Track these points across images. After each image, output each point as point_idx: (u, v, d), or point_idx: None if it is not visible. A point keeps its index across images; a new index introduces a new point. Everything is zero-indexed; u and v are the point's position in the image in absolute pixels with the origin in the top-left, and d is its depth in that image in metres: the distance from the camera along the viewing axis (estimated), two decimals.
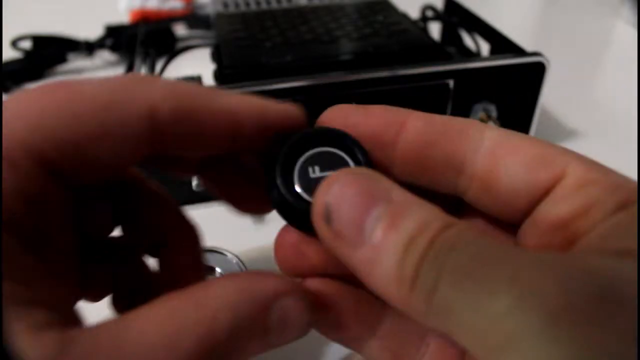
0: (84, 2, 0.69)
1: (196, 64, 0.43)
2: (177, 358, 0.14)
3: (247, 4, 0.48)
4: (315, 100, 0.32)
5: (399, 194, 0.15)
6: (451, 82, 0.34)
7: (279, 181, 0.17)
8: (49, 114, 0.15)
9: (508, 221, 0.18)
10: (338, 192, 0.15)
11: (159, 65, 0.43)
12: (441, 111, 0.35)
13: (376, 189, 0.15)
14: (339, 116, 0.18)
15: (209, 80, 0.38)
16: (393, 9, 0.44)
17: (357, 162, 0.18)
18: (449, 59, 0.35)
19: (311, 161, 0.18)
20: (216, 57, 0.37)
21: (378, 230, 0.14)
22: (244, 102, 0.18)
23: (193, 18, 0.58)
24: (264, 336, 0.16)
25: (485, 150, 0.17)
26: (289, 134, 0.18)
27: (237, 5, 0.47)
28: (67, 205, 0.17)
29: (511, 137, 0.17)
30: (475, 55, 0.43)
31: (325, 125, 0.19)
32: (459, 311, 0.13)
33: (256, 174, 0.21)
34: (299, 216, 0.17)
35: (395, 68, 0.33)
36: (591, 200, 0.15)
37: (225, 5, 0.47)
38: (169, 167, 0.20)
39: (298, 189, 0.17)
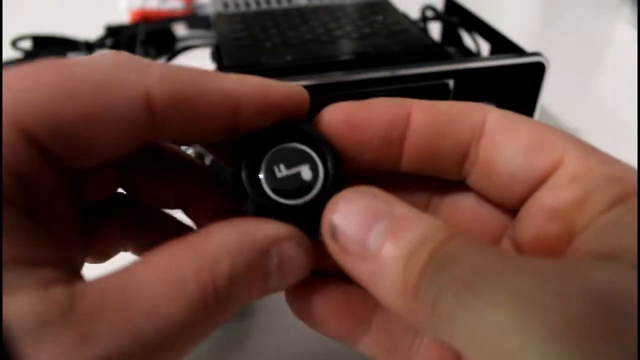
0: (84, 2, 0.69)
1: (196, 64, 0.42)
2: (182, 306, 0.14)
3: (247, 4, 0.48)
4: (316, 100, 0.32)
5: (401, 209, 0.15)
6: (451, 82, 0.34)
7: (248, 188, 0.17)
8: (38, 91, 0.14)
9: (507, 206, 0.18)
10: (342, 209, 0.16)
11: None
12: None
13: (378, 205, 0.15)
14: (341, 117, 0.18)
15: None
16: (393, 9, 0.44)
17: (322, 156, 0.18)
18: (449, 59, 0.35)
19: (276, 160, 0.18)
20: (216, 57, 0.37)
21: (380, 245, 0.15)
22: (243, 83, 0.17)
23: (193, 18, 0.58)
24: (264, 281, 0.16)
25: (486, 135, 0.17)
26: (251, 134, 0.18)
27: (237, 5, 0.47)
28: (64, 179, 0.17)
29: (512, 121, 0.17)
30: (475, 55, 0.43)
31: (326, 124, 0.18)
32: (461, 323, 0.13)
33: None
34: (275, 217, 0.17)
35: (395, 68, 0.32)
36: (586, 192, 0.15)
37: (225, 5, 0.47)
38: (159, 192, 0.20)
39: (268, 191, 0.17)
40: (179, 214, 0.21)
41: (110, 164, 0.19)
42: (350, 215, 0.16)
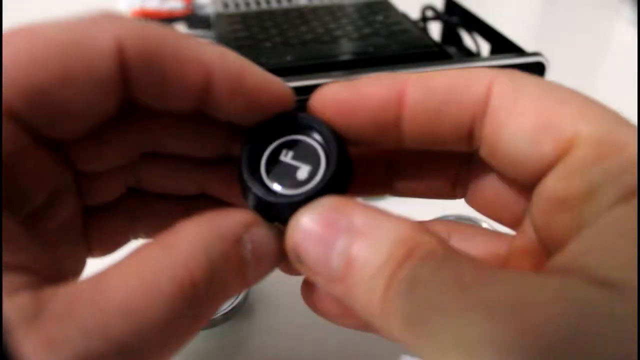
0: (84, 2, 0.69)
1: None
2: (157, 301, 0.13)
3: (247, 4, 0.48)
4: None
5: (360, 219, 0.15)
6: None
7: (249, 182, 0.17)
8: (7, 61, 0.14)
9: (522, 185, 0.17)
10: (301, 234, 0.15)
11: None
12: None
13: (337, 220, 0.15)
14: (331, 104, 0.17)
15: None
16: (393, 9, 0.44)
17: (325, 148, 0.17)
18: (449, 59, 0.35)
19: (278, 152, 0.18)
20: None
21: (343, 267, 0.14)
22: (221, 56, 0.16)
23: (193, 18, 0.58)
24: (242, 270, 0.16)
25: (490, 113, 0.16)
26: (254, 125, 0.17)
27: (237, 5, 0.47)
28: (66, 182, 0.16)
29: (519, 94, 0.15)
30: (475, 55, 0.43)
31: (315, 108, 0.18)
32: (430, 344, 0.13)
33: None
34: (276, 213, 0.17)
35: (395, 68, 0.33)
36: (594, 185, 0.14)
37: (225, 5, 0.47)
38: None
39: (271, 186, 0.17)
40: None
41: (113, 164, 0.19)
42: (310, 238, 0.15)
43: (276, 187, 0.17)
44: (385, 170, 0.20)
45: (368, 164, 0.20)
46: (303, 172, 0.17)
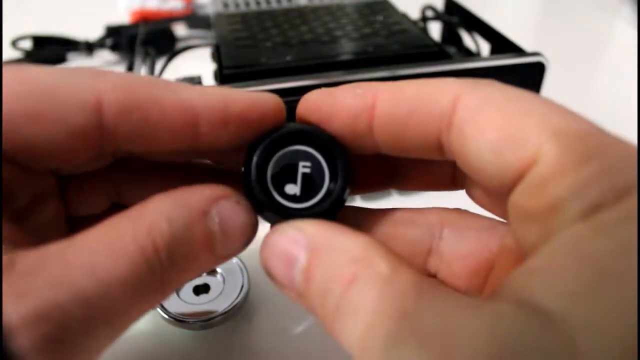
0: (84, 2, 0.69)
1: (196, 64, 0.43)
2: (120, 261, 0.14)
3: (247, 4, 0.48)
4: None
5: (319, 238, 0.16)
6: None
7: (263, 200, 0.17)
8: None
9: (493, 193, 0.17)
10: (267, 253, 0.17)
11: (159, 65, 0.43)
12: None
13: (296, 239, 0.16)
14: (311, 111, 0.18)
15: (209, 80, 0.38)
16: (393, 9, 0.44)
17: (328, 159, 0.18)
18: (449, 59, 0.35)
19: (283, 163, 0.18)
20: (216, 57, 0.37)
21: (302, 284, 0.16)
22: (202, 94, 0.17)
23: (193, 18, 0.58)
24: (210, 244, 0.16)
25: (456, 127, 0.16)
26: (257, 137, 0.18)
27: (237, 5, 0.47)
28: (47, 184, 0.17)
29: (485, 106, 0.15)
30: (475, 55, 0.43)
31: (300, 116, 0.18)
32: None
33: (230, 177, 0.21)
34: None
35: (395, 68, 0.32)
36: (557, 199, 0.13)
37: (225, 5, 0.47)
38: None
39: (277, 197, 0.18)
40: None
41: (97, 177, 0.20)
42: (274, 258, 0.16)
43: (281, 199, 0.18)
44: (385, 167, 0.21)
45: (368, 161, 0.20)
46: (307, 183, 0.18)
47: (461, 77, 0.17)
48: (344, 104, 0.17)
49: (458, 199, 0.20)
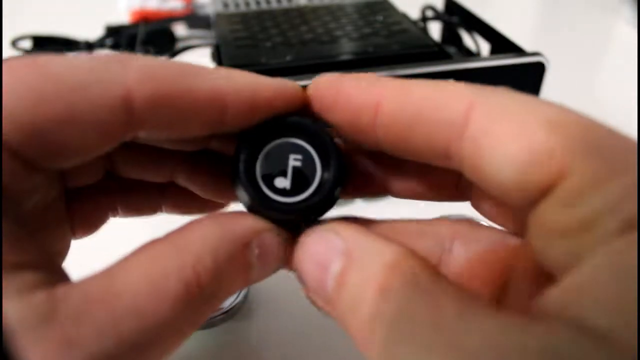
0: (84, 2, 0.69)
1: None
2: (165, 302, 0.14)
3: (247, 4, 0.48)
4: None
5: (352, 244, 0.15)
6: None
7: (245, 187, 0.17)
8: (11, 94, 0.14)
9: (511, 206, 0.16)
10: (301, 255, 0.16)
11: None
12: None
13: (334, 244, 0.15)
14: (316, 97, 0.18)
15: None
16: (393, 9, 0.44)
17: (322, 154, 0.18)
18: (449, 59, 0.35)
19: (273, 156, 0.18)
20: (216, 57, 0.37)
21: (335, 289, 0.15)
22: (231, 81, 0.16)
23: (193, 18, 0.58)
24: (247, 272, 0.16)
25: (470, 138, 0.14)
26: (249, 128, 0.17)
27: (237, 5, 0.47)
28: (48, 178, 0.17)
29: (501, 118, 0.14)
30: (475, 55, 0.43)
31: (311, 99, 0.18)
32: None
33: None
34: (268, 217, 0.17)
35: (395, 68, 0.33)
36: (592, 214, 0.12)
37: (225, 5, 0.47)
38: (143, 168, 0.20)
39: (266, 191, 0.17)
40: None
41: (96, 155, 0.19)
42: (308, 260, 0.16)
43: (269, 192, 0.17)
44: (384, 171, 0.20)
45: (365, 166, 0.20)
46: (297, 177, 0.18)
47: (461, 79, 0.17)
48: (348, 94, 0.17)
49: (457, 206, 0.20)
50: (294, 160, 0.18)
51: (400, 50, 0.36)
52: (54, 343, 0.12)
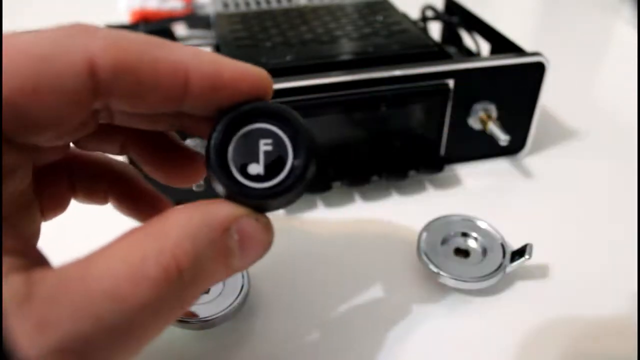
0: (84, 2, 0.69)
1: None
2: (143, 285, 0.14)
3: (247, 4, 0.48)
4: (315, 100, 0.32)
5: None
6: (451, 82, 0.34)
7: (217, 172, 0.17)
8: None
9: None
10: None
11: None
12: (441, 111, 0.35)
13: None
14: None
15: None
16: (393, 9, 0.44)
17: (291, 138, 0.18)
18: (449, 59, 0.35)
19: (245, 141, 0.18)
20: None
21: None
22: (196, 57, 0.17)
23: (193, 18, 0.58)
24: (227, 259, 0.17)
25: None
26: (220, 114, 0.18)
27: (237, 5, 0.47)
28: (22, 158, 0.17)
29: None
30: (475, 55, 0.43)
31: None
32: None
33: (183, 148, 0.22)
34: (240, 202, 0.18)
35: (395, 68, 0.32)
36: None
37: (225, 5, 0.47)
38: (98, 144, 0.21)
39: (238, 176, 0.18)
40: None
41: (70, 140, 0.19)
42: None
43: (243, 179, 0.18)
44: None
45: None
46: (270, 162, 0.18)
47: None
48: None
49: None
50: (264, 145, 0.18)
51: (400, 50, 0.36)
52: (30, 324, 0.12)
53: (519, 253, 0.28)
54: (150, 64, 0.16)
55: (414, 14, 0.47)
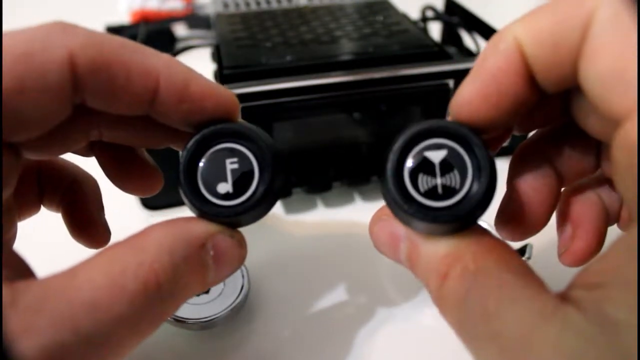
0: (84, 2, 0.69)
1: (196, 64, 0.42)
2: (122, 298, 0.15)
3: (247, 4, 0.48)
4: (315, 100, 0.32)
5: (411, 233, 0.18)
6: (451, 82, 0.34)
7: (187, 192, 0.18)
8: None
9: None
10: (375, 230, 0.19)
11: None
12: (441, 111, 0.35)
13: (396, 229, 0.18)
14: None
15: None
16: (393, 9, 0.44)
17: (261, 162, 0.18)
18: (449, 59, 0.35)
19: (214, 160, 0.18)
20: (216, 57, 0.37)
21: (407, 265, 0.18)
22: (168, 67, 0.17)
23: (193, 18, 0.58)
24: (203, 273, 0.17)
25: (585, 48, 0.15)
26: (194, 132, 0.18)
27: (237, 5, 0.47)
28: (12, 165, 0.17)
29: (609, 30, 0.14)
30: (475, 55, 0.43)
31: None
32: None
33: (143, 158, 0.22)
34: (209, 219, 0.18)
35: (395, 68, 0.32)
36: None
37: (225, 5, 0.47)
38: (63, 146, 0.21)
39: (207, 194, 0.18)
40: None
41: (59, 153, 0.20)
42: (381, 234, 0.19)
43: (213, 198, 0.18)
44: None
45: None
46: (237, 180, 0.18)
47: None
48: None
49: None
50: (230, 164, 0.18)
51: (400, 50, 0.36)
52: (11, 332, 0.13)
53: (519, 253, 0.28)
54: (125, 65, 0.17)
55: (414, 14, 0.47)
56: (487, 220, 0.30)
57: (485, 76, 0.16)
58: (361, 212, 0.35)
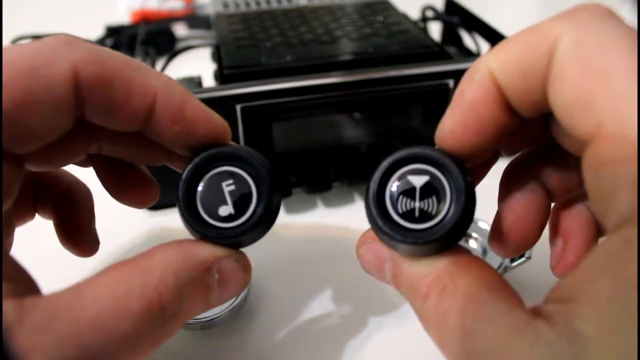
0: (84, 2, 0.69)
1: (196, 64, 0.43)
2: (127, 318, 0.15)
3: (247, 4, 0.48)
4: (315, 100, 0.32)
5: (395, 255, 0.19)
6: (451, 82, 0.34)
7: (187, 215, 0.18)
8: None
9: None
10: (361, 260, 0.20)
11: (159, 65, 0.43)
12: (441, 111, 0.35)
13: (380, 252, 0.19)
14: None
15: (209, 80, 0.38)
16: (393, 9, 0.44)
17: (258, 182, 0.19)
18: (449, 59, 0.35)
19: (212, 183, 0.19)
20: (216, 57, 0.37)
21: (391, 280, 0.19)
22: (166, 87, 0.18)
23: (193, 18, 0.58)
24: (207, 296, 0.18)
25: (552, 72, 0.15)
26: (192, 157, 0.19)
27: (237, 5, 0.47)
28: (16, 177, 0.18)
29: (575, 53, 0.15)
30: (475, 55, 0.43)
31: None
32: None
33: (141, 172, 0.23)
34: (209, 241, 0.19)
35: (395, 68, 0.32)
36: (612, 188, 0.13)
37: (225, 5, 0.47)
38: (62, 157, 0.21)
39: (206, 217, 0.19)
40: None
41: (60, 165, 0.21)
42: (367, 254, 0.19)
43: (214, 221, 0.19)
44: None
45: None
46: (237, 201, 0.19)
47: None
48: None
49: None
50: (227, 187, 0.19)
51: (400, 50, 0.36)
52: (18, 349, 0.13)
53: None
54: (126, 81, 0.17)
55: (414, 14, 0.47)
56: (488, 220, 0.30)
57: (464, 106, 0.17)
58: (361, 212, 0.34)
